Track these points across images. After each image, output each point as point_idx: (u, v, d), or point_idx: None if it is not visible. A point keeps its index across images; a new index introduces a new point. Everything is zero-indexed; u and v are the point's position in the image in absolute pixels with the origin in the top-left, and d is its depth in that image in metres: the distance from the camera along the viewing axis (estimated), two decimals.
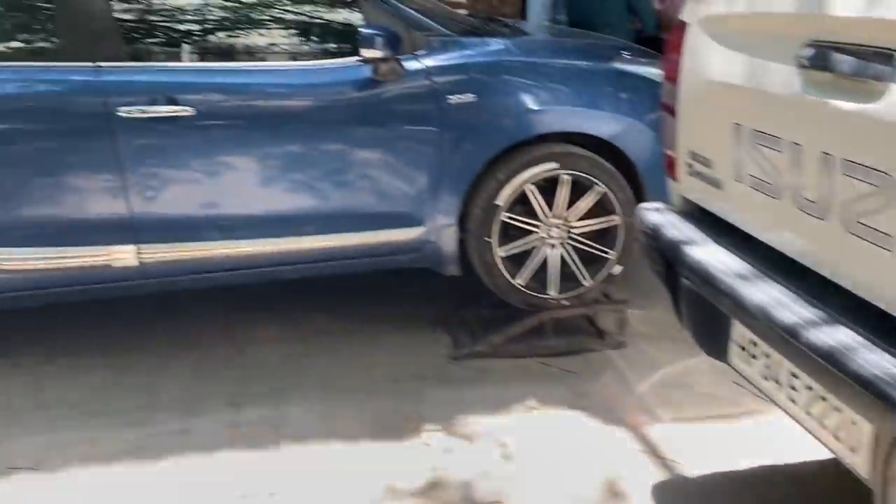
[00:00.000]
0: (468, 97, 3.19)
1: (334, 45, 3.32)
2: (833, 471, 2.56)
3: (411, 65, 3.17)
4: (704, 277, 1.98)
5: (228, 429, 2.92)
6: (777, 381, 1.87)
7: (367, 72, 3.12)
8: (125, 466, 2.71)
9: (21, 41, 3.10)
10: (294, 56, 3.31)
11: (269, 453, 2.78)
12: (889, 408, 1.42)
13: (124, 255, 3.08)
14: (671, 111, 2.39)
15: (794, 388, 1.80)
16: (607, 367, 3.35)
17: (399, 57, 3.12)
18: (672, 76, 2.35)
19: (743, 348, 2.01)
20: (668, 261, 2.22)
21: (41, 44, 3.14)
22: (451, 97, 3.18)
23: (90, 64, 2.97)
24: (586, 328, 3.61)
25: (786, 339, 1.68)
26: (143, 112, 2.97)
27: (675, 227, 2.25)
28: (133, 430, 2.91)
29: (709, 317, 2.09)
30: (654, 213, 2.38)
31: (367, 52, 3.05)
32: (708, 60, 2.16)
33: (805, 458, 2.64)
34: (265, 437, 2.86)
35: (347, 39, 3.19)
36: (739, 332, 2.02)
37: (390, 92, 3.16)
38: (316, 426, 2.93)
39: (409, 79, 3.17)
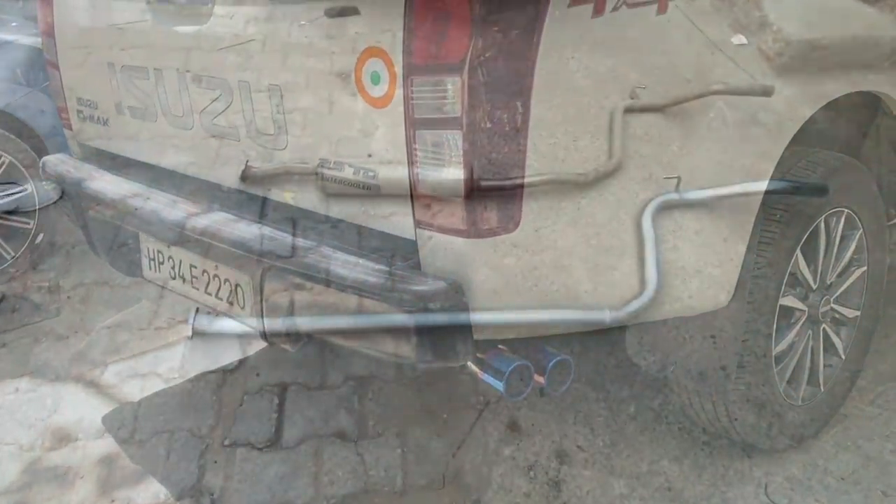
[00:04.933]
0: None
1: None
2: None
3: None
4: (105, 202, 2.18)
5: None
6: (183, 278, 2.16)
7: None
8: None
9: None
10: None
11: None
12: (256, 258, 1.81)
13: None
14: (55, 65, 2.50)
15: (195, 277, 2.11)
16: (49, 335, 3.36)
17: None
18: (48, 30, 2.47)
19: (152, 259, 2.26)
20: (75, 200, 2.37)
21: None
22: None
23: None
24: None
25: (177, 232, 1.98)
26: None
27: (75, 169, 2.41)
28: None
29: (119, 239, 2.30)
30: (58, 163, 2.50)
31: None
32: (76, 5, 2.33)
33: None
34: None
35: None
36: (147, 245, 2.26)
37: None
38: None
39: None
